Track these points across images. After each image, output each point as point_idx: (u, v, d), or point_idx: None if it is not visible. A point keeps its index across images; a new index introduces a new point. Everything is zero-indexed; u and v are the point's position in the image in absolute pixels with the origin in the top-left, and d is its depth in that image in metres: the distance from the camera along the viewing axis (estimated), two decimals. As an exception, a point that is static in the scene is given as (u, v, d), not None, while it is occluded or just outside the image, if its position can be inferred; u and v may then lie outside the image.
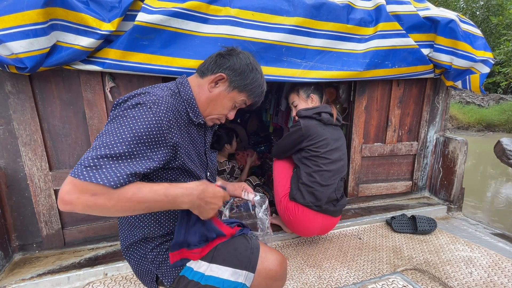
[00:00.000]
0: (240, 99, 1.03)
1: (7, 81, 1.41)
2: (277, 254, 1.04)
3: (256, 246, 1.03)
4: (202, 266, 0.97)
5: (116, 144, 0.75)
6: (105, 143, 0.75)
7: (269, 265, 0.99)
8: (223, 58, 1.00)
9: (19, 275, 1.45)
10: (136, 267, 1.02)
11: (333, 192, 1.63)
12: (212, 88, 1.00)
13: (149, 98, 0.83)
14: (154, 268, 0.98)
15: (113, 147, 0.74)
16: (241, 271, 0.97)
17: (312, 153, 1.61)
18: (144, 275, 1.02)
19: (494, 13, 12.49)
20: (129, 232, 1.00)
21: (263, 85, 1.07)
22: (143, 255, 0.99)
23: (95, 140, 0.78)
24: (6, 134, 1.48)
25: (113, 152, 0.74)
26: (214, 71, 0.99)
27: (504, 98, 11.45)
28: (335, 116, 1.67)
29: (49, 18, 1.21)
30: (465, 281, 1.50)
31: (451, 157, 2.27)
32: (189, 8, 1.45)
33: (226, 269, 0.97)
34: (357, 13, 1.81)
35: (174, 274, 0.97)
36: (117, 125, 0.78)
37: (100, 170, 0.71)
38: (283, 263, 1.04)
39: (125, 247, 1.03)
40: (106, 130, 0.79)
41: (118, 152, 0.74)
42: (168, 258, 0.97)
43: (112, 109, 0.86)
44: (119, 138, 0.76)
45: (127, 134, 0.77)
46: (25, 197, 1.56)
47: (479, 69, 1.92)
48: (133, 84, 1.60)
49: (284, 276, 1.05)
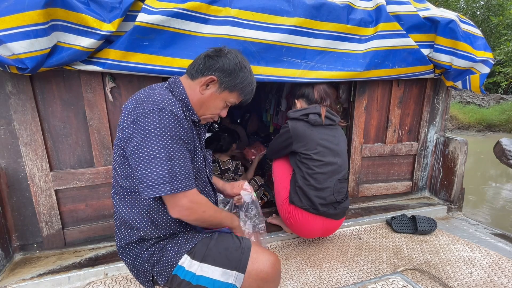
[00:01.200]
0: (231, 99, 1.06)
1: (8, 81, 1.41)
2: (269, 255, 1.02)
3: (248, 247, 1.01)
4: (193, 265, 0.97)
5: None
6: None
7: (259, 266, 0.98)
8: (212, 59, 1.01)
9: (19, 275, 1.45)
10: (132, 266, 1.03)
11: (331, 195, 1.60)
12: (203, 91, 1.02)
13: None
14: (150, 267, 0.99)
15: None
16: (231, 271, 0.96)
17: (304, 156, 1.60)
18: (140, 274, 1.03)
19: (494, 13, 12.47)
20: (126, 233, 1.01)
21: (253, 82, 1.10)
22: (138, 254, 1.00)
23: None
24: (7, 134, 1.48)
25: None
26: (204, 73, 1.01)
27: (504, 98, 11.44)
28: (324, 116, 1.62)
29: (49, 19, 1.21)
30: (465, 281, 1.50)
31: (451, 157, 2.27)
32: (189, 8, 1.45)
33: (216, 269, 0.96)
34: (357, 13, 1.81)
35: (168, 273, 0.97)
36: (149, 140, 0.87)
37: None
38: (276, 264, 1.01)
39: (120, 247, 1.03)
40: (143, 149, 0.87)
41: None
42: (162, 257, 0.98)
43: (125, 118, 0.92)
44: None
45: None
46: (25, 197, 1.57)
47: (479, 69, 1.92)
48: (133, 84, 1.60)
49: (276, 278, 1.02)
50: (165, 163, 0.86)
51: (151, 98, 0.90)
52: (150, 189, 0.86)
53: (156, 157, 0.86)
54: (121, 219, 1.01)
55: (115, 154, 0.98)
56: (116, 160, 0.98)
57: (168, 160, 0.87)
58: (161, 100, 0.89)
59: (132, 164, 0.89)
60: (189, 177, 0.92)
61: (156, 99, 0.90)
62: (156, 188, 0.86)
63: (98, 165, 1.64)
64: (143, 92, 0.95)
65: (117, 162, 0.98)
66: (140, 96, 0.93)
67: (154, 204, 0.97)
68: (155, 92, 0.92)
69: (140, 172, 0.87)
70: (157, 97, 0.90)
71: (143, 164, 0.86)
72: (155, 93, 0.92)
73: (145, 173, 0.86)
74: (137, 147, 0.87)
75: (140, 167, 0.87)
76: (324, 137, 1.62)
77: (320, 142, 1.60)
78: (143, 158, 0.86)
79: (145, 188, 0.87)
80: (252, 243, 1.05)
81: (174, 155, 0.88)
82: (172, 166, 0.87)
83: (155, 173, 0.86)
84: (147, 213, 0.98)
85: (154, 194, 0.86)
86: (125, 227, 1.01)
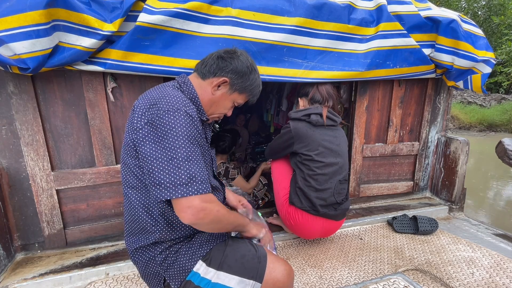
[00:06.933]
0: (239, 99, 1.09)
1: (10, 81, 1.41)
2: (285, 264, 1.03)
3: (264, 255, 1.01)
4: (209, 272, 0.96)
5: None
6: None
7: (276, 275, 0.98)
8: (225, 61, 1.01)
9: (21, 275, 1.45)
10: (144, 269, 1.01)
11: (331, 196, 1.60)
12: (215, 91, 1.03)
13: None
14: (162, 270, 0.98)
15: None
16: (248, 280, 0.95)
17: (305, 157, 1.60)
18: (152, 277, 1.01)
19: (496, 13, 12.44)
20: (140, 236, 0.99)
21: (261, 84, 1.13)
22: (151, 257, 0.98)
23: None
24: (9, 134, 1.48)
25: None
26: (217, 74, 1.01)
27: (506, 98, 11.40)
28: (325, 117, 1.62)
29: (51, 19, 1.21)
30: (467, 281, 1.49)
31: (452, 157, 2.26)
32: (191, 8, 1.45)
33: (233, 277, 0.95)
34: (358, 13, 1.81)
35: (182, 278, 0.96)
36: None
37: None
38: (291, 273, 1.02)
39: (133, 250, 1.01)
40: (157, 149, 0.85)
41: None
42: (176, 261, 0.97)
43: (138, 119, 0.89)
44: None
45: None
46: (27, 197, 1.57)
47: (480, 69, 1.91)
48: (134, 84, 1.60)
49: (291, 287, 1.04)
50: (182, 164, 0.83)
51: (165, 99, 0.88)
52: (167, 191, 0.82)
53: (173, 158, 0.83)
54: (134, 222, 0.99)
55: (125, 155, 0.95)
56: (126, 162, 0.95)
57: (186, 160, 0.84)
58: (176, 101, 0.88)
59: (147, 165, 0.85)
60: (206, 179, 0.88)
61: (170, 100, 0.88)
62: (173, 190, 0.82)
63: (99, 165, 1.64)
64: (156, 92, 0.92)
65: (127, 165, 0.95)
66: (153, 96, 0.90)
67: (169, 205, 0.95)
68: (169, 93, 0.90)
69: (156, 174, 0.83)
70: (172, 98, 0.88)
71: (160, 165, 0.83)
72: (169, 93, 0.90)
73: (163, 174, 0.82)
74: (153, 148, 0.84)
75: (157, 169, 0.83)
76: (325, 138, 1.62)
77: (321, 142, 1.60)
78: (161, 160, 0.83)
79: (162, 190, 0.82)
80: (267, 251, 1.05)
81: (192, 156, 0.85)
82: (190, 167, 0.84)
83: (172, 174, 0.82)
84: (162, 215, 0.95)
85: (171, 196, 0.82)
86: (139, 229, 0.99)
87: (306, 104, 1.73)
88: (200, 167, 0.87)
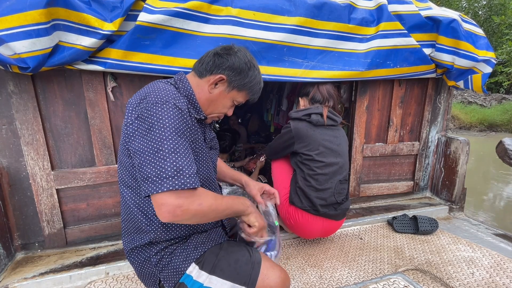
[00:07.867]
0: (239, 98, 1.04)
1: (10, 81, 1.41)
2: (280, 271, 0.99)
3: (258, 261, 0.98)
4: (201, 276, 0.94)
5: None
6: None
7: (270, 283, 0.95)
8: (221, 57, 0.98)
9: (21, 274, 1.46)
10: (140, 269, 1.01)
11: (331, 196, 1.59)
12: (212, 89, 1.00)
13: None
14: (157, 271, 0.97)
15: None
16: (240, 286, 0.93)
17: (305, 157, 1.59)
18: (147, 277, 1.01)
19: (496, 13, 12.43)
20: (135, 235, 0.99)
21: (261, 81, 1.08)
22: (147, 258, 0.98)
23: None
24: (9, 134, 1.48)
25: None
26: (213, 71, 0.98)
27: (506, 98, 11.39)
28: (326, 117, 1.62)
29: (51, 18, 1.21)
30: (467, 281, 1.49)
31: (453, 157, 2.26)
32: (191, 8, 1.45)
33: (224, 282, 0.93)
34: (359, 12, 1.81)
35: (175, 280, 0.96)
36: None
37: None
38: (286, 281, 0.98)
39: (129, 250, 1.01)
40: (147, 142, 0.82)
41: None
42: (171, 262, 0.96)
43: (129, 114, 0.88)
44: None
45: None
46: (27, 196, 1.57)
47: (481, 69, 1.91)
48: (134, 84, 1.60)
49: None
50: (168, 156, 0.79)
51: (155, 92, 0.87)
52: (153, 185, 0.77)
53: (159, 150, 0.79)
54: (130, 221, 0.99)
55: (120, 154, 0.95)
56: (122, 160, 0.95)
57: (172, 152, 0.80)
58: (165, 94, 0.86)
59: (137, 160, 0.82)
60: (195, 173, 0.83)
61: (160, 93, 0.86)
62: (158, 183, 0.77)
63: (99, 165, 1.64)
64: (148, 87, 0.92)
65: (122, 163, 0.95)
66: (144, 92, 0.89)
67: None
68: (159, 87, 0.89)
69: (144, 169, 0.80)
70: (161, 91, 0.87)
71: (147, 158, 0.80)
72: (160, 87, 0.89)
73: (149, 168, 0.79)
74: (141, 142, 0.82)
75: (144, 163, 0.80)
76: (326, 138, 1.62)
77: (322, 142, 1.60)
78: (147, 153, 0.80)
79: (149, 185, 0.78)
80: (262, 256, 1.02)
81: (179, 148, 0.81)
82: (177, 160, 0.80)
83: (158, 167, 0.78)
84: (156, 215, 0.93)
85: (157, 190, 0.77)
86: (134, 229, 0.98)
87: (307, 103, 1.73)
88: (188, 160, 0.82)
